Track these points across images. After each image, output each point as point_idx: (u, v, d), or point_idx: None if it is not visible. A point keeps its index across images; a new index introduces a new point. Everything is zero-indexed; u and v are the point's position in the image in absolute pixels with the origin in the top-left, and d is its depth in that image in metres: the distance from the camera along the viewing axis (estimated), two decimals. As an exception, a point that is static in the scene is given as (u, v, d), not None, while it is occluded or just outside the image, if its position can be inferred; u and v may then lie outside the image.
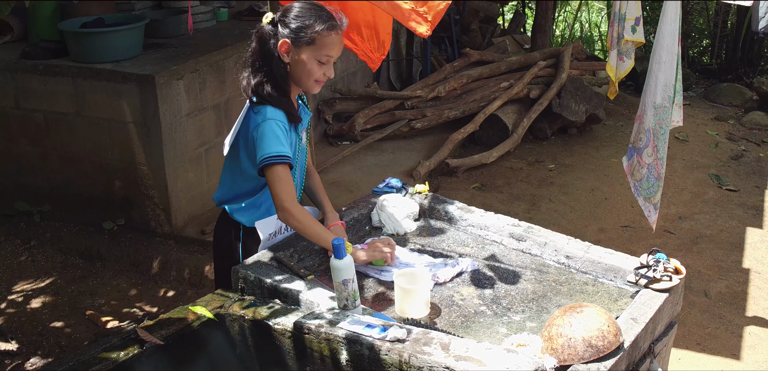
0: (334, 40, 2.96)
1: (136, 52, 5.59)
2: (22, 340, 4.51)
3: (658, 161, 4.42)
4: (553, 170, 7.19)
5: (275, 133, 2.91)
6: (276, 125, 2.93)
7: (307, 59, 2.95)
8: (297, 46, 2.94)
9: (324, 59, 2.97)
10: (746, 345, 4.62)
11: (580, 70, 8.50)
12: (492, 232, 3.30)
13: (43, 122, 5.59)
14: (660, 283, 2.74)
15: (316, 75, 2.99)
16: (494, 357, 2.26)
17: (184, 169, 5.50)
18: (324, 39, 2.93)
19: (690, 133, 8.09)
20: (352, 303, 2.59)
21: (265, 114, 2.94)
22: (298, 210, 2.92)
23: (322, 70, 2.99)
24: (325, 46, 2.94)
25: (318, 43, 2.92)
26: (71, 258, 5.46)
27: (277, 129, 2.92)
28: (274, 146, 2.89)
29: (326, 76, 3.02)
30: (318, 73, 2.98)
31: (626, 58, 5.08)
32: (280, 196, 2.89)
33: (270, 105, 2.96)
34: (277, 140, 2.90)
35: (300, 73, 2.98)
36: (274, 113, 2.95)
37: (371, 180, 6.12)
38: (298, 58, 2.96)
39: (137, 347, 2.50)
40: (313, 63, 2.96)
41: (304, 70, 2.97)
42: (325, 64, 2.98)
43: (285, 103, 2.99)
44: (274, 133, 2.91)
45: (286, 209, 2.89)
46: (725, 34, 11.09)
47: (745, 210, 6.46)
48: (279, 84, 2.99)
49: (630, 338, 2.43)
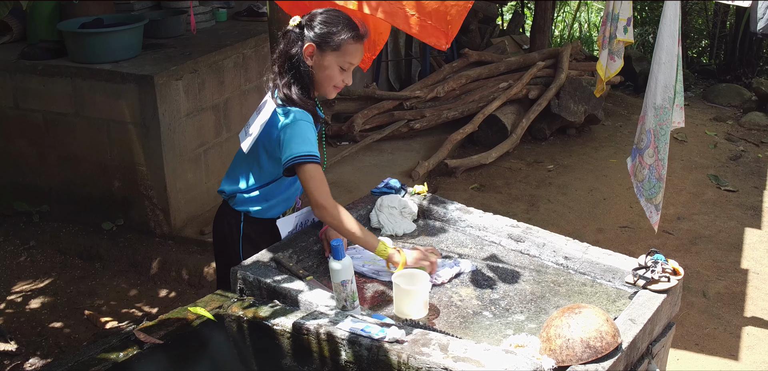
0: (357, 48, 3.04)
1: (135, 53, 5.59)
2: (22, 341, 4.51)
3: (659, 162, 4.43)
4: (551, 170, 7.20)
5: (305, 133, 2.97)
6: (306, 126, 2.98)
7: (330, 65, 3.02)
8: (322, 50, 3.00)
9: (346, 66, 3.04)
10: (744, 345, 4.63)
11: (578, 71, 8.51)
12: (491, 233, 3.31)
13: (42, 122, 5.60)
14: (658, 284, 2.75)
15: (336, 81, 3.06)
16: (493, 358, 2.27)
17: (183, 170, 5.50)
18: (349, 46, 3.00)
19: (689, 133, 8.10)
20: (351, 304, 2.60)
21: (295, 115, 2.99)
22: (334, 207, 2.95)
23: (343, 77, 3.06)
24: (348, 53, 3.01)
25: (343, 49, 3.00)
26: (70, 259, 5.46)
27: (306, 129, 2.98)
28: (306, 146, 2.95)
29: (345, 82, 3.09)
30: (338, 79, 3.06)
31: (617, 58, 5.10)
32: (315, 194, 2.94)
33: (297, 107, 3.00)
34: (308, 140, 2.96)
35: (321, 77, 3.05)
36: (302, 114, 2.99)
37: (370, 180, 6.13)
38: (321, 63, 3.02)
39: (137, 348, 2.51)
40: (335, 69, 3.03)
41: (325, 74, 3.04)
42: (345, 70, 3.05)
43: (310, 104, 3.04)
44: (304, 133, 2.97)
45: (321, 205, 2.94)
46: (724, 34, 11.10)
47: (743, 210, 6.47)
48: (306, 86, 3.05)
49: (628, 339, 2.44)
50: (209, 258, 5.20)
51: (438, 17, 3.48)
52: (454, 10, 3.48)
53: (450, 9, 3.48)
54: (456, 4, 3.48)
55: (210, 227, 5.40)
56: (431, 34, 3.49)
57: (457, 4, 3.48)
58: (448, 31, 3.49)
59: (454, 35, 3.51)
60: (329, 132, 7.41)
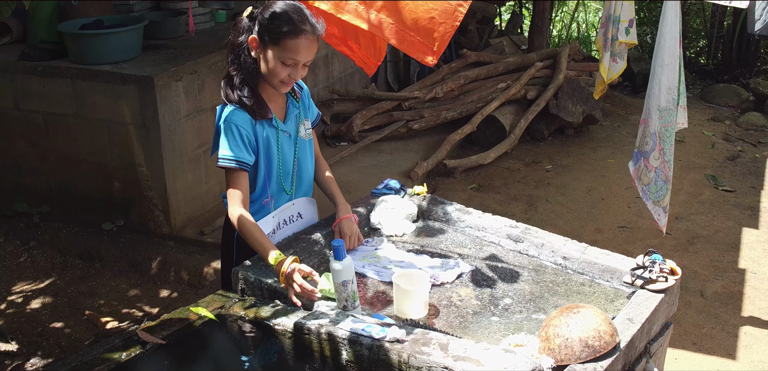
0: (300, 44, 2.92)
1: (134, 54, 5.61)
2: (22, 341, 4.53)
3: (665, 164, 4.43)
4: (550, 171, 7.22)
5: (227, 135, 2.96)
6: (229, 127, 2.96)
7: (272, 59, 2.95)
8: (264, 44, 2.95)
9: (289, 61, 2.94)
10: (742, 345, 4.65)
11: (577, 71, 8.53)
12: (490, 234, 3.32)
13: (42, 123, 5.61)
14: (656, 284, 2.77)
15: (281, 76, 2.97)
16: (492, 357, 2.28)
17: (183, 170, 5.52)
18: (289, 41, 2.91)
19: (686, 133, 8.12)
20: (352, 304, 2.61)
21: (223, 114, 2.99)
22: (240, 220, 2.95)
23: (287, 72, 2.97)
24: (289, 48, 2.92)
25: (282, 44, 2.91)
26: (70, 259, 5.48)
27: (229, 131, 2.96)
28: (223, 149, 2.97)
29: (292, 78, 3.00)
30: (283, 74, 2.97)
31: (619, 60, 5.10)
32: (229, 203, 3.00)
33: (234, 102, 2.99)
34: (226, 143, 2.96)
35: (266, 71, 2.99)
36: (231, 114, 2.98)
37: (369, 180, 6.15)
38: (264, 57, 2.97)
39: (139, 348, 2.52)
40: (277, 64, 2.95)
41: (269, 69, 2.97)
42: (290, 66, 2.96)
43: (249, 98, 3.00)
44: (226, 135, 2.97)
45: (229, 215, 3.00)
46: (722, 34, 11.12)
47: (741, 210, 6.49)
48: (247, 80, 3.01)
49: (626, 338, 2.46)
50: (209, 259, 5.22)
51: (426, 34, 3.53)
52: (442, 28, 3.53)
53: (437, 27, 3.53)
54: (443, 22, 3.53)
55: (210, 227, 5.46)
56: (418, 49, 3.52)
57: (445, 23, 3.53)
58: (436, 48, 3.53)
59: (441, 52, 3.55)
60: (328, 132, 7.42)
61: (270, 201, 3.19)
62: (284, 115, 3.16)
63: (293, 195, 3.26)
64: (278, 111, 3.13)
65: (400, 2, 3.60)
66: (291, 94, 3.20)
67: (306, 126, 3.25)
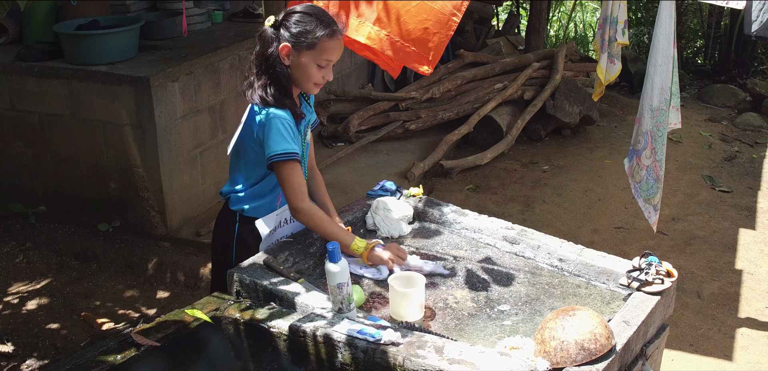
0: (334, 45, 3.02)
1: (131, 54, 5.60)
2: (18, 342, 4.52)
3: (656, 163, 4.44)
4: (547, 171, 7.22)
5: (280, 130, 2.98)
6: (280, 122, 2.99)
7: (307, 63, 3.01)
8: (297, 50, 2.99)
9: (323, 63, 3.03)
10: (739, 346, 4.65)
11: (574, 72, 8.53)
12: (485, 235, 3.32)
13: (38, 124, 5.60)
14: (652, 286, 2.76)
15: (315, 78, 3.05)
16: (487, 360, 2.28)
17: (179, 171, 5.51)
18: (324, 44, 2.99)
19: (683, 134, 8.12)
20: (347, 307, 2.61)
21: (271, 113, 3.00)
22: (309, 209, 3.02)
23: (321, 74, 3.05)
24: (324, 50, 3.00)
25: (318, 47, 2.99)
26: (67, 260, 5.47)
27: (281, 126, 2.99)
28: (281, 144, 2.97)
29: (325, 78, 3.08)
30: (317, 76, 3.05)
31: (616, 61, 5.11)
32: (291, 196, 3.01)
33: (273, 106, 3.01)
34: (282, 138, 2.98)
35: (299, 75, 3.05)
36: (278, 112, 3.01)
37: (366, 181, 6.15)
38: (298, 62, 3.01)
39: (134, 350, 2.52)
40: (312, 67, 3.02)
41: (303, 73, 3.03)
42: (324, 67, 3.04)
43: (289, 103, 3.04)
44: (278, 130, 2.98)
45: (296, 208, 3.01)
46: (719, 35, 11.12)
47: (738, 211, 6.49)
48: (283, 86, 3.04)
49: (622, 340, 2.45)
50: (205, 260, 5.21)
51: (420, 44, 3.57)
52: (436, 38, 3.57)
53: (432, 37, 3.56)
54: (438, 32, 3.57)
55: (206, 228, 5.45)
56: (414, 59, 3.59)
57: (439, 33, 3.57)
58: (431, 57, 3.58)
59: (437, 61, 3.60)
60: (325, 133, 7.42)
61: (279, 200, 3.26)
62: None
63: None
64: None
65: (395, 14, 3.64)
66: (304, 98, 3.22)
67: (309, 132, 3.30)
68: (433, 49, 3.59)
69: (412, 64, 3.65)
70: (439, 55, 3.62)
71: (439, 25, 3.58)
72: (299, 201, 3.00)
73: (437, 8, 3.57)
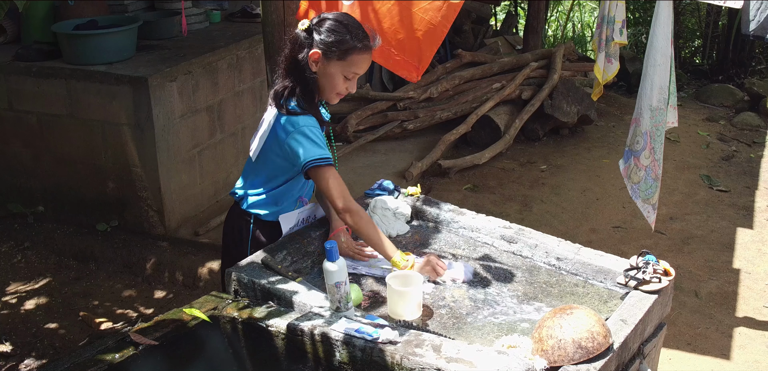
0: (363, 58, 3.01)
1: (129, 54, 5.60)
2: (16, 342, 4.52)
3: (655, 162, 4.45)
4: (545, 171, 7.22)
5: (311, 137, 2.98)
6: (310, 130, 2.99)
7: (335, 73, 2.99)
8: (328, 58, 2.97)
9: (350, 75, 3.02)
10: (736, 345, 4.66)
11: (571, 71, 8.54)
12: (483, 234, 3.32)
13: (36, 124, 5.60)
14: (649, 285, 2.77)
15: (339, 88, 3.04)
16: (485, 358, 2.29)
17: (178, 171, 5.51)
18: (355, 57, 2.98)
19: (681, 133, 8.13)
20: (345, 306, 2.61)
21: (300, 120, 2.99)
22: (358, 210, 3.00)
23: (346, 85, 3.05)
24: (354, 63, 2.99)
25: (349, 59, 2.97)
26: (65, 260, 5.47)
27: (311, 133, 2.99)
28: (317, 149, 2.97)
29: (348, 90, 3.08)
30: (342, 87, 3.04)
31: (614, 60, 5.12)
32: (336, 199, 2.99)
33: (299, 114, 3.00)
34: (315, 144, 2.98)
35: (325, 84, 3.04)
36: (307, 119, 3.00)
37: (364, 181, 6.15)
38: (326, 70, 3.00)
39: (132, 349, 2.52)
40: (339, 77, 3.01)
41: (330, 82, 3.02)
42: (350, 79, 3.03)
43: (313, 110, 3.05)
44: (310, 137, 2.98)
45: (345, 209, 2.98)
46: (717, 34, 11.13)
47: (735, 210, 6.50)
48: (309, 91, 3.04)
49: (619, 339, 2.46)
50: (204, 259, 5.21)
51: (410, 53, 3.60)
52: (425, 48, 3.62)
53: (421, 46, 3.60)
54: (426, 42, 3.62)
55: (204, 228, 5.45)
56: (403, 67, 3.62)
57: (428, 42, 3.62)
58: (420, 65, 3.61)
59: (425, 69, 3.64)
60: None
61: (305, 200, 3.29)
62: None
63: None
64: None
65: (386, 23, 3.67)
66: (324, 107, 3.23)
67: None
68: (423, 59, 3.64)
69: (401, 71, 3.69)
70: (426, 63, 3.66)
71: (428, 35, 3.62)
72: (347, 202, 2.97)
73: (427, 19, 3.61)
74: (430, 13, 3.58)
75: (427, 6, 3.59)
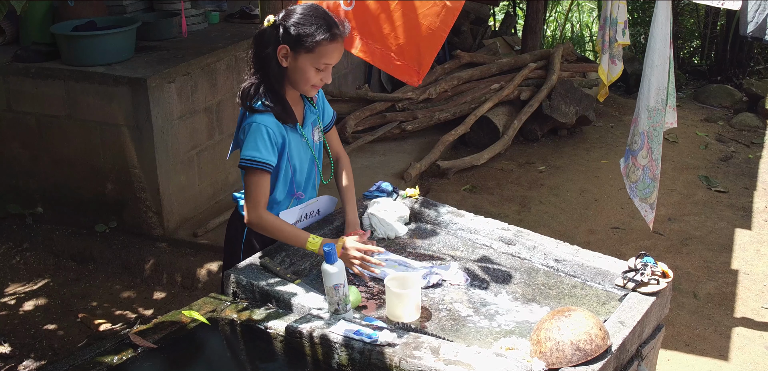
0: (333, 48, 2.98)
1: (127, 55, 5.60)
2: (15, 343, 4.52)
3: (653, 162, 4.47)
4: (543, 172, 7.23)
5: (256, 136, 2.97)
6: (258, 129, 2.97)
7: (305, 66, 2.97)
8: (296, 52, 2.96)
9: (322, 66, 2.99)
10: (734, 346, 4.66)
11: (570, 72, 8.54)
12: (482, 236, 3.33)
13: (34, 125, 5.60)
14: (647, 287, 2.78)
15: (312, 81, 3.02)
16: (483, 361, 2.29)
17: (176, 172, 5.52)
18: (323, 48, 2.95)
19: (680, 134, 8.14)
20: (343, 308, 2.62)
21: (253, 119, 2.99)
22: (259, 220, 3.00)
23: (320, 77, 3.02)
24: (323, 54, 2.96)
25: (317, 51, 2.94)
26: (64, 261, 5.47)
27: (258, 133, 2.97)
28: (251, 150, 2.96)
29: (323, 81, 3.05)
30: (315, 79, 3.01)
31: (618, 61, 5.13)
32: (246, 205, 3.02)
33: (260, 111, 2.99)
34: (255, 145, 2.96)
35: (297, 78, 3.01)
36: (261, 118, 2.98)
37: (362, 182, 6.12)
38: (296, 65, 2.98)
39: (131, 351, 2.53)
40: (310, 70, 2.98)
41: (302, 76, 3.00)
42: (322, 71, 3.01)
43: (277, 108, 3.02)
44: (254, 136, 2.97)
45: (249, 221, 3.02)
46: (715, 35, 11.13)
47: (734, 211, 6.50)
48: (273, 87, 3.01)
49: (618, 341, 2.46)
50: (202, 261, 5.22)
51: (410, 58, 3.62)
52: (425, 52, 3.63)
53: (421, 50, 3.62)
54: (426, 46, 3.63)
55: (203, 229, 5.46)
56: (404, 72, 3.64)
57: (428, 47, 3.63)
58: (420, 70, 3.63)
59: (425, 73, 3.65)
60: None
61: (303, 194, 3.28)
62: (302, 120, 3.18)
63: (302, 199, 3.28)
64: (298, 116, 3.15)
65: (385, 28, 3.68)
66: (308, 99, 3.21)
67: (319, 130, 3.29)
68: (422, 62, 3.65)
69: (401, 76, 3.70)
70: (427, 68, 3.67)
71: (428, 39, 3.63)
72: (251, 213, 3.00)
73: (426, 24, 3.62)
74: (430, 18, 3.59)
75: (425, 11, 3.60)
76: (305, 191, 3.28)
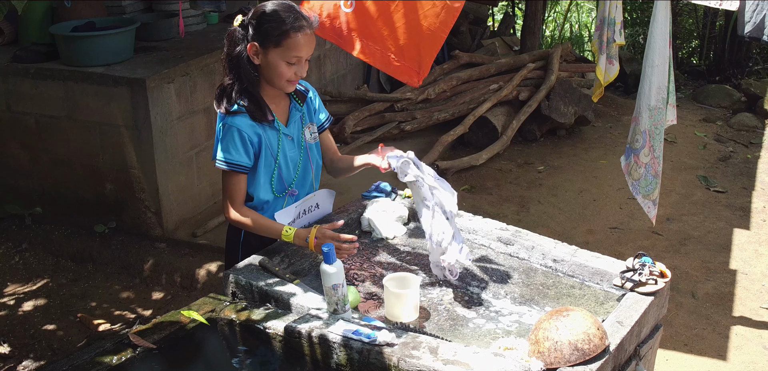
0: (301, 40, 2.96)
1: (127, 56, 5.61)
2: (15, 343, 4.53)
3: (655, 160, 4.49)
4: (542, 172, 7.23)
5: (228, 137, 2.99)
6: (229, 130, 2.99)
7: (275, 61, 2.97)
8: (265, 48, 2.96)
9: (292, 60, 2.98)
10: (733, 345, 4.67)
11: (569, 72, 8.55)
12: (480, 236, 3.33)
13: (34, 125, 5.61)
14: (645, 287, 2.78)
15: (287, 75, 3.01)
16: (482, 360, 2.29)
17: (175, 172, 5.52)
18: (290, 41, 2.94)
19: (678, 134, 8.14)
20: (342, 308, 2.62)
21: (225, 120, 3.01)
22: (236, 218, 3.06)
23: (293, 70, 3.01)
24: (291, 47, 2.95)
25: (284, 44, 2.94)
26: (63, 261, 5.47)
27: (229, 135, 2.99)
28: (223, 151, 3.00)
29: (298, 75, 3.04)
30: (288, 73, 3.00)
31: (615, 61, 5.14)
32: (223, 204, 3.10)
33: (233, 113, 3.00)
34: (227, 146, 2.99)
35: (270, 74, 3.01)
36: (233, 120, 2.99)
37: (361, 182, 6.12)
38: (266, 61, 2.98)
39: (130, 351, 2.53)
40: (282, 65, 2.98)
41: (274, 71, 2.99)
42: (294, 64, 2.99)
43: (251, 107, 3.01)
44: (227, 137, 2.99)
45: (227, 218, 3.10)
46: (714, 35, 11.14)
47: (732, 211, 6.51)
48: (246, 86, 3.02)
49: (616, 341, 2.47)
50: (201, 261, 5.22)
51: (410, 59, 3.62)
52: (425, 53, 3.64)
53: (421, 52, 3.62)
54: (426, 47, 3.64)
55: (202, 229, 5.46)
56: (404, 73, 3.65)
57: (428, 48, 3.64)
58: (419, 70, 3.64)
59: (426, 74, 3.65)
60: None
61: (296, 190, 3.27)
62: (287, 118, 3.17)
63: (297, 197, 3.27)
64: (281, 114, 3.14)
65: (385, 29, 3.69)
66: (294, 97, 3.20)
67: (311, 129, 3.27)
68: (422, 63, 3.66)
69: (402, 77, 3.71)
70: (427, 68, 3.68)
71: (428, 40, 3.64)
72: (227, 211, 3.07)
73: (426, 25, 3.62)
74: (429, 19, 3.60)
75: (425, 12, 3.61)
76: (299, 188, 3.27)
